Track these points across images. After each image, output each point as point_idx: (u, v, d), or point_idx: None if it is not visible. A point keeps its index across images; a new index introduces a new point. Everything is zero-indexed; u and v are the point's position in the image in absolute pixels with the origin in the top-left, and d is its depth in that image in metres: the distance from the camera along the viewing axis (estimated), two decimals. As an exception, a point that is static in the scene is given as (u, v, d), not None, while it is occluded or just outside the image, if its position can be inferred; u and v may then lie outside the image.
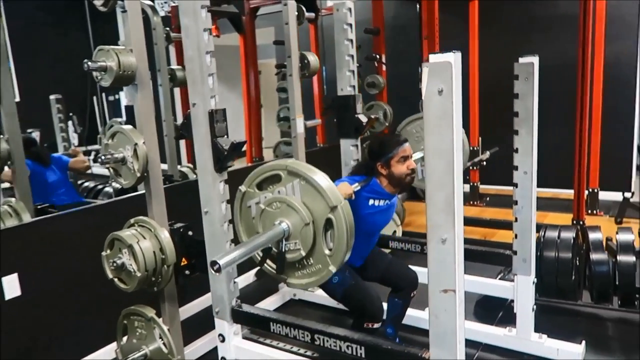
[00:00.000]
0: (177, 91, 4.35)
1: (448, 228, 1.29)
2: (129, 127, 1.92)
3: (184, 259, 2.08)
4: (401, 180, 2.17)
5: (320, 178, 1.65)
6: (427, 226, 1.32)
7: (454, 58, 1.22)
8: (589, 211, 4.40)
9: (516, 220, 2.29)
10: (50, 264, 2.38)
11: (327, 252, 1.67)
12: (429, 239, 1.32)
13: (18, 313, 2.24)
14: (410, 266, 2.87)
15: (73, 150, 3.96)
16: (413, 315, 2.69)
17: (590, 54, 3.63)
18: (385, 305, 2.37)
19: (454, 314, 1.33)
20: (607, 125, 4.56)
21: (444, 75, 1.23)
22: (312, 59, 3.05)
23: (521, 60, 2.13)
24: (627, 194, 4.19)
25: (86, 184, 4.72)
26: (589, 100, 3.72)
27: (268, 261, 1.84)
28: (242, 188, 1.82)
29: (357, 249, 2.20)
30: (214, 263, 1.47)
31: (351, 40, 2.62)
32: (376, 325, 2.20)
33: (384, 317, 2.33)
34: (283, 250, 1.71)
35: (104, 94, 5.48)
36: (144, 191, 2.01)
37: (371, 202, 2.19)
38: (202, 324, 2.56)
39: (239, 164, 4.71)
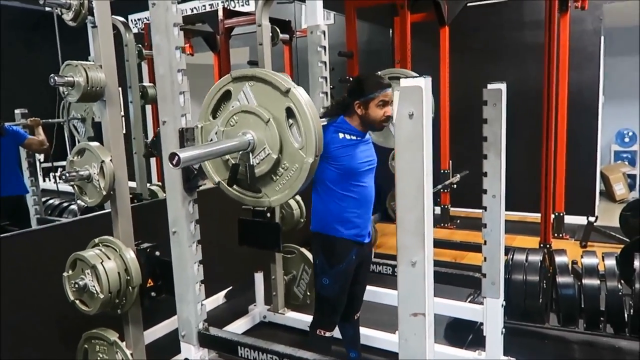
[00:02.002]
0: (148, 108, 4.30)
1: (418, 250, 1.29)
2: (96, 144, 1.87)
3: (150, 281, 2.03)
4: (374, 124, 2.08)
5: (268, 71, 1.57)
6: (397, 248, 1.32)
7: (424, 82, 1.24)
8: (556, 234, 4.50)
9: (485, 243, 2.31)
10: (9, 284, 2.27)
11: (297, 145, 1.56)
12: (399, 262, 1.32)
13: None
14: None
15: (32, 121, 3.52)
16: (383, 339, 2.68)
17: (555, 82, 3.77)
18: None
19: (423, 337, 1.32)
20: (572, 151, 4.71)
21: (414, 99, 1.25)
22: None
23: (490, 86, 2.18)
24: (591, 218, 4.30)
25: (51, 201, 4.58)
26: (555, 126, 3.84)
27: (237, 187, 1.70)
28: (199, 124, 1.72)
29: (355, 208, 2.10)
30: (173, 155, 1.38)
31: (325, 63, 2.64)
32: (328, 334, 2.21)
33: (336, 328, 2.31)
34: (252, 163, 1.59)
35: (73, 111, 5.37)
36: (109, 209, 1.96)
37: (341, 135, 2.06)
38: (167, 348, 2.48)
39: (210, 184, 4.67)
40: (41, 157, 4.33)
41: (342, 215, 2.08)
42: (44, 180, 4.68)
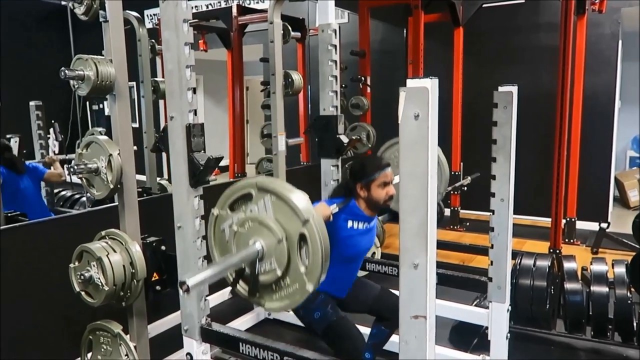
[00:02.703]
0: (161, 103, 4.33)
1: (420, 253, 1.29)
2: (104, 137, 1.89)
3: (155, 274, 2.04)
4: (378, 204, 2.15)
5: (291, 193, 1.61)
6: (399, 250, 1.31)
7: (430, 84, 1.23)
8: (566, 240, 4.45)
9: (492, 247, 2.29)
10: (16, 274, 2.31)
11: (302, 269, 1.61)
12: (401, 264, 1.31)
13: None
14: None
15: (49, 159, 3.88)
16: (390, 340, 2.67)
17: (570, 86, 3.72)
18: (368, 330, 2.33)
19: (424, 340, 1.31)
20: (586, 155, 4.64)
21: (420, 100, 1.24)
22: (296, 77, 3.06)
23: (501, 89, 2.15)
24: (604, 224, 4.24)
25: (62, 192, 4.65)
26: (568, 131, 3.79)
27: (242, 283, 1.80)
28: (215, 211, 1.77)
29: (340, 278, 2.20)
30: (182, 283, 1.43)
31: (335, 62, 2.64)
32: None
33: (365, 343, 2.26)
34: (257, 272, 1.66)
35: (87, 103, 5.43)
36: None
37: (350, 224, 2.15)
38: (171, 341, 2.50)
39: (221, 179, 4.70)
40: (56, 148, 4.42)
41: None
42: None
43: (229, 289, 3.50)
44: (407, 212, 1.29)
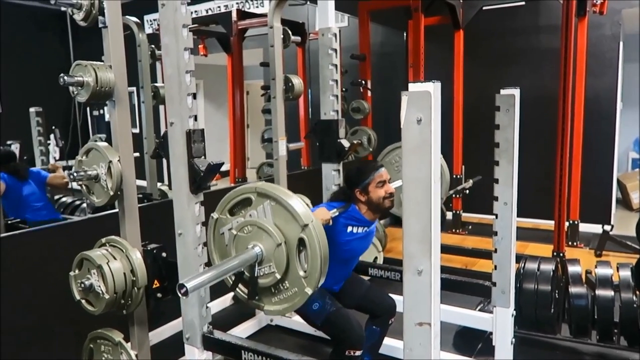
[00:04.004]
0: (162, 108, 4.32)
1: (424, 259, 1.27)
2: (104, 144, 1.87)
3: (156, 281, 2.02)
4: (380, 205, 2.15)
5: (290, 198, 1.62)
6: (403, 256, 1.29)
7: (433, 88, 1.21)
8: (569, 243, 4.42)
9: (496, 251, 2.27)
10: (17, 282, 2.29)
11: (301, 273, 1.62)
12: (405, 270, 1.29)
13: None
14: (390, 295, 2.84)
15: (52, 165, 3.87)
16: (390, 345, 2.65)
17: (572, 88, 3.70)
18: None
19: (428, 347, 1.29)
20: (588, 158, 4.62)
21: (422, 104, 1.22)
22: (297, 82, 3.05)
23: (503, 92, 2.14)
24: (607, 227, 4.21)
25: (63, 199, 4.63)
26: (570, 133, 3.77)
27: (241, 287, 1.79)
28: (214, 215, 1.78)
29: (335, 274, 2.19)
30: (181, 286, 1.42)
31: (335, 65, 2.62)
32: (358, 353, 2.13)
33: None
34: (256, 275, 1.66)
35: (88, 109, 5.42)
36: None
37: (349, 229, 2.16)
38: (172, 349, 2.47)
39: (222, 184, 4.68)
40: (56, 154, 4.41)
41: None
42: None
43: (230, 295, 3.47)
44: (410, 217, 1.28)
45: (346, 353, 2.12)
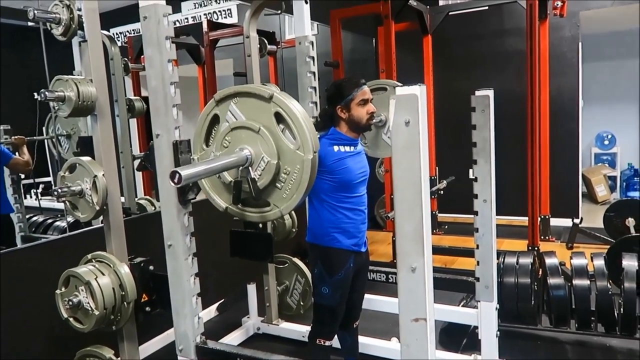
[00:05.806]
0: (132, 122, 4.26)
1: (418, 256, 1.31)
2: (88, 158, 1.85)
3: (144, 295, 2.00)
4: (360, 124, 2.11)
5: (247, 87, 1.59)
6: (396, 255, 1.33)
7: (419, 90, 1.26)
8: (542, 237, 4.56)
9: (477, 247, 2.33)
10: (-3, 305, 2.23)
11: (293, 147, 1.56)
12: (399, 268, 1.33)
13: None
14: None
15: (17, 139, 3.32)
16: (379, 346, 2.68)
17: (538, 88, 3.84)
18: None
19: (425, 342, 1.33)
20: (554, 154, 4.79)
21: (410, 107, 1.27)
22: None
23: (477, 93, 2.22)
24: (577, 220, 4.38)
25: (34, 218, 4.49)
26: (538, 131, 3.91)
27: (248, 208, 1.70)
28: (194, 156, 1.74)
29: (349, 226, 2.12)
30: (174, 173, 1.40)
31: (313, 73, 2.66)
32: (328, 343, 2.19)
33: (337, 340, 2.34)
34: (255, 179, 1.60)
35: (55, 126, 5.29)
36: (98, 225, 1.93)
37: (336, 148, 2.09)
38: (162, 363, 2.45)
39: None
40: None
41: (339, 226, 2.10)
42: (25, 197, 4.59)
43: (214, 307, 3.45)
44: (402, 216, 1.32)
45: (316, 341, 2.19)
